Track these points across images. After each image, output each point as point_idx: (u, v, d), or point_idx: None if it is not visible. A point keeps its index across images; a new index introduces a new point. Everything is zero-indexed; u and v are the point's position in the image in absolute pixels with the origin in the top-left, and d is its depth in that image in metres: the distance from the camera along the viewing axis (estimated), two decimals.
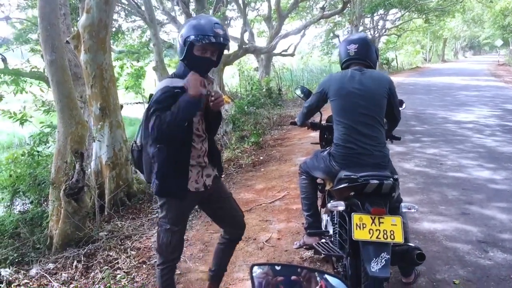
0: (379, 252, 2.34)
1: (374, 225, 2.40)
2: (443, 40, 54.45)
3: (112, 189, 5.80)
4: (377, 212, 2.41)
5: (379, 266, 2.31)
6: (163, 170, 2.45)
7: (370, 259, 2.33)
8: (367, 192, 2.49)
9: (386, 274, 2.29)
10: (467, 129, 9.05)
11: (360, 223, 2.41)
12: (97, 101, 5.80)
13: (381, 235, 2.37)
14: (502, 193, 5.05)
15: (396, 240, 2.36)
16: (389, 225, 2.39)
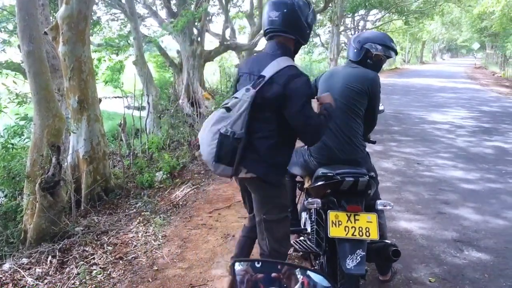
0: (355, 249, 2.36)
1: (349, 222, 2.42)
2: (422, 42, 55.19)
3: (89, 184, 5.71)
4: (353, 209, 2.44)
5: (354, 263, 2.33)
6: (287, 162, 2.49)
7: (345, 256, 2.35)
8: (343, 189, 2.50)
9: (361, 271, 2.33)
10: (444, 129, 9.22)
11: (336, 220, 2.42)
12: (75, 94, 5.70)
13: (356, 232, 2.39)
14: (476, 193, 5.15)
15: (371, 237, 2.38)
16: (365, 222, 2.42)
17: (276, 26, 2.40)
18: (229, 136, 2.27)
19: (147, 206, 5.04)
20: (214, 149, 2.30)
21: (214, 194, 5.42)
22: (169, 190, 5.72)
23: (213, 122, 2.33)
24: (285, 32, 2.40)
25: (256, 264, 1.22)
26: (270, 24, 2.41)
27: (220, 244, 3.93)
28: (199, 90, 15.32)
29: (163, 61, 19.39)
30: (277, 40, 2.44)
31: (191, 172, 6.48)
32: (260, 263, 1.22)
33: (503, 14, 24.08)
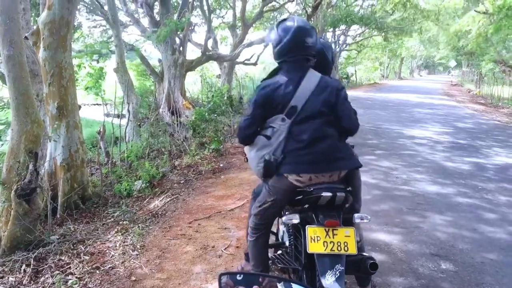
0: (334, 264, 2.36)
1: (328, 237, 2.41)
2: (401, 59, 56.22)
3: (66, 192, 5.62)
4: (331, 224, 2.42)
5: (333, 278, 2.32)
6: None
7: (325, 272, 2.34)
8: (321, 204, 2.49)
9: (341, 286, 2.30)
10: (421, 144, 9.36)
11: (314, 235, 2.42)
12: (55, 100, 5.63)
13: (335, 247, 2.39)
14: (454, 208, 5.23)
15: (349, 251, 2.39)
16: (343, 237, 2.42)
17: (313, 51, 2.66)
18: (273, 162, 2.56)
19: (125, 215, 4.97)
20: (261, 170, 2.62)
21: (194, 204, 5.38)
22: (148, 200, 5.66)
23: (258, 148, 2.63)
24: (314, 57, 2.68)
25: (238, 277, 1.22)
26: (308, 49, 2.63)
27: (199, 255, 3.90)
28: (179, 99, 15.28)
29: (144, 69, 19.31)
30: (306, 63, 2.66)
31: (170, 182, 6.43)
32: (242, 276, 1.23)
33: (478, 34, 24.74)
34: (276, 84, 2.60)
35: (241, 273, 1.26)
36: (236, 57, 18.87)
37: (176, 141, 9.41)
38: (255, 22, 20.84)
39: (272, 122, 2.58)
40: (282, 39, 2.60)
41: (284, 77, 2.61)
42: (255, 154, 2.64)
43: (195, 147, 8.77)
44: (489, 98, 22.21)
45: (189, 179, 6.55)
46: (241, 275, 1.24)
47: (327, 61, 2.95)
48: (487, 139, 10.31)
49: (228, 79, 20.00)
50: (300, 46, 2.59)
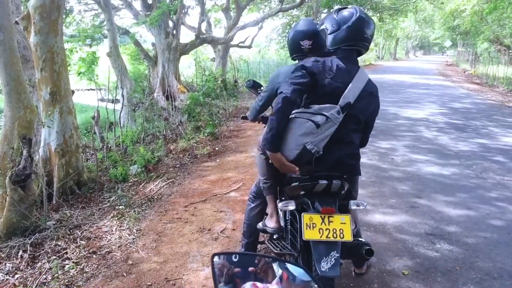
0: (329, 251, 2.36)
1: (324, 224, 2.40)
2: (396, 39, 55.94)
3: (61, 177, 5.60)
4: (327, 211, 2.41)
5: (329, 265, 2.32)
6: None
7: (320, 259, 2.34)
8: (317, 191, 2.50)
9: (336, 273, 2.32)
10: (417, 125, 9.37)
11: (310, 223, 2.40)
12: (47, 86, 5.58)
13: (330, 234, 2.38)
14: (449, 188, 5.25)
15: (345, 238, 2.38)
16: (339, 224, 2.40)
17: (368, 43, 2.58)
18: (313, 153, 2.37)
19: (121, 200, 4.97)
20: (294, 155, 2.38)
21: (189, 188, 5.39)
22: (144, 184, 5.66)
23: (302, 133, 2.34)
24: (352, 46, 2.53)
25: (233, 258, 1.21)
26: (366, 40, 2.54)
27: (195, 238, 3.91)
28: (174, 83, 15.21)
29: (137, 53, 19.16)
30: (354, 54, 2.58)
31: (166, 166, 6.42)
32: (238, 257, 1.21)
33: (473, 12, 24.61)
34: (329, 64, 2.45)
35: (236, 253, 1.23)
36: (230, 40, 18.72)
37: (171, 126, 9.38)
38: (249, 4, 20.61)
39: (325, 110, 2.35)
40: (341, 26, 2.47)
41: (340, 62, 2.46)
42: (295, 137, 2.37)
43: (190, 131, 8.75)
44: (484, 77, 22.19)
45: (184, 163, 6.54)
46: (236, 256, 1.22)
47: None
48: (482, 118, 10.33)
49: (223, 62, 19.88)
50: (359, 36, 2.50)
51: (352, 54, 2.54)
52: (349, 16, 2.47)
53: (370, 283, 3.11)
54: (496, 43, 29.00)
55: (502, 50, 30.07)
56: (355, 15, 2.47)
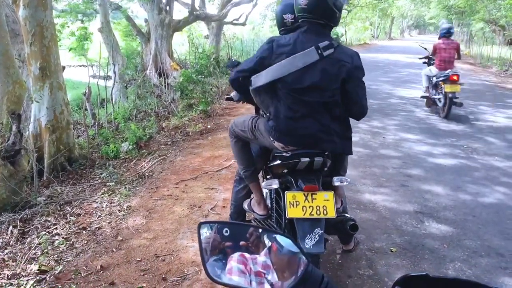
0: (313, 228, 2.35)
1: (307, 202, 2.38)
2: (391, 19, 55.55)
3: (52, 153, 5.57)
4: (310, 189, 2.39)
5: (313, 242, 2.32)
6: None
7: (304, 236, 2.33)
8: (300, 169, 2.49)
9: (320, 250, 2.31)
10: (410, 104, 9.39)
11: (293, 201, 2.38)
12: (37, 61, 5.50)
13: (314, 212, 2.36)
14: (439, 168, 5.28)
15: (328, 215, 2.36)
16: (322, 201, 2.39)
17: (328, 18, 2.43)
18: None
19: (112, 177, 4.95)
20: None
21: (181, 165, 5.37)
22: (135, 161, 5.64)
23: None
24: (316, 19, 2.41)
25: (225, 233, 1.16)
26: (324, 16, 2.42)
27: (186, 214, 3.92)
28: (167, 61, 15.06)
29: (130, 29, 18.90)
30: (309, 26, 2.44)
31: (157, 143, 6.39)
32: (229, 231, 1.17)
33: None
34: (286, 39, 2.46)
35: (224, 223, 1.24)
36: (224, 17, 18.51)
37: (163, 103, 9.32)
38: None
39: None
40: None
41: (301, 35, 2.44)
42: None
43: (182, 109, 8.70)
44: (478, 58, 22.14)
45: (176, 141, 6.52)
46: (227, 230, 1.16)
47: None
48: (475, 98, 10.33)
49: (217, 40, 19.68)
50: (315, 10, 2.40)
51: (317, 27, 2.43)
52: None
53: (358, 260, 3.15)
54: (492, 23, 28.88)
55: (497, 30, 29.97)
56: None
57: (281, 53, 2.39)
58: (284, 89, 2.41)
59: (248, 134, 2.74)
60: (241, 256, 1.13)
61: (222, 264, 1.13)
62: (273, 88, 2.46)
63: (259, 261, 1.13)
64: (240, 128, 2.80)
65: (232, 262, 1.11)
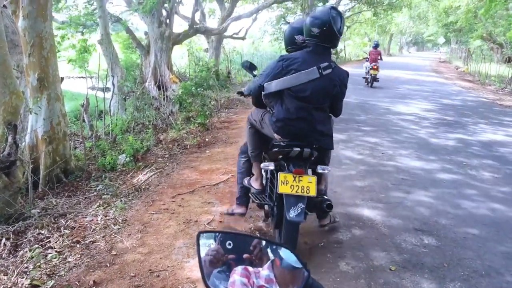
0: (297, 202, 3.06)
1: (295, 182, 3.08)
2: (390, 35, 55.95)
3: (48, 165, 5.53)
4: (298, 172, 3.09)
5: (295, 213, 3.03)
6: None
7: (290, 208, 3.04)
8: (292, 156, 3.17)
9: (300, 219, 3.03)
10: (408, 121, 9.36)
11: (284, 180, 3.08)
12: (35, 71, 5.49)
13: (299, 190, 3.07)
14: (438, 183, 5.24)
15: (310, 194, 3.07)
16: (306, 183, 3.08)
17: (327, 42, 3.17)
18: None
19: (108, 189, 4.90)
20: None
21: (178, 178, 5.31)
22: (132, 174, 5.59)
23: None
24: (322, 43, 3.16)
25: (228, 245, 1.17)
26: (327, 41, 3.16)
27: (182, 229, 3.85)
28: (166, 73, 15.09)
29: (130, 42, 18.96)
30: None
31: (155, 156, 6.34)
32: (232, 243, 1.17)
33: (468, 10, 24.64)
34: (296, 56, 3.20)
35: (222, 232, 1.22)
36: (224, 31, 18.60)
37: (162, 115, 9.29)
38: None
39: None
40: (306, 24, 3.19)
41: (306, 54, 3.19)
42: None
43: (181, 122, 8.67)
44: (476, 75, 22.25)
45: (173, 153, 6.46)
46: (231, 243, 1.18)
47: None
48: (473, 115, 10.35)
49: (216, 53, 19.75)
50: (319, 35, 3.14)
51: (321, 49, 3.16)
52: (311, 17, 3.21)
53: (357, 278, 3.08)
54: (489, 41, 29.09)
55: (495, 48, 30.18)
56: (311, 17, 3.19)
57: (290, 69, 3.10)
58: (289, 95, 3.14)
59: (257, 123, 3.53)
60: (245, 269, 1.13)
61: (226, 276, 1.13)
62: (279, 93, 3.18)
63: (262, 275, 1.13)
64: (254, 118, 3.60)
65: (235, 275, 1.11)
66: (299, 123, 3.16)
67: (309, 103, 3.13)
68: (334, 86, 3.18)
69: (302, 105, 3.13)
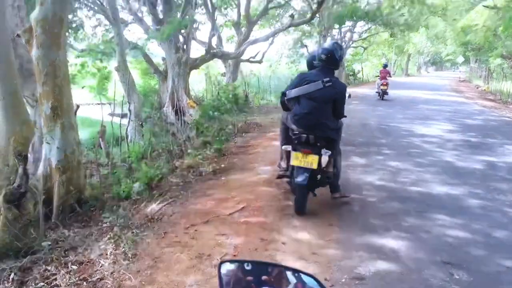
0: (303, 172, 4.57)
1: (303, 158, 4.60)
2: (407, 55, 55.63)
3: (61, 195, 5.41)
4: (305, 152, 4.60)
5: (301, 179, 4.55)
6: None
7: (298, 175, 4.59)
8: (302, 141, 4.68)
9: (304, 183, 4.53)
10: (430, 143, 9.06)
11: (295, 156, 4.65)
12: (49, 100, 5.42)
13: (305, 164, 4.58)
14: (465, 210, 4.96)
15: (313, 167, 4.55)
16: (311, 159, 4.56)
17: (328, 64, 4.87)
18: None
19: (119, 221, 4.74)
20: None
21: (191, 208, 5.13)
22: (145, 203, 5.42)
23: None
24: (327, 65, 4.86)
25: (246, 266, 1.17)
26: (329, 64, 4.86)
27: (194, 264, 3.64)
28: (183, 98, 15.11)
29: (148, 68, 19.14)
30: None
31: (169, 184, 6.18)
32: (250, 265, 1.17)
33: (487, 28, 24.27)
34: (308, 74, 5.05)
35: (246, 261, 1.19)
36: (240, 55, 18.66)
37: (178, 141, 9.18)
38: (259, 19, 20.61)
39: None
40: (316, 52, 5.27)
41: (314, 72, 4.95)
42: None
43: (197, 147, 8.55)
44: (498, 94, 21.79)
45: (188, 181, 6.27)
46: (249, 264, 1.17)
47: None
48: (498, 136, 10.00)
49: (233, 77, 19.81)
50: (325, 61, 4.86)
51: (327, 69, 4.81)
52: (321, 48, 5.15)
53: None
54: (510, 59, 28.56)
55: None
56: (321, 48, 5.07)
57: (305, 81, 4.77)
58: (303, 97, 4.74)
59: (285, 120, 5.23)
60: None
61: None
62: (297, 98, 4.80)
63: None
64: (283, 117, 5.44)
65: None
66: (310, 117, 4.68)
67: (317, 102, 4.67)
68: (334, 93, 4.72)
69: (312, 103, 4.68)
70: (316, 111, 4.64)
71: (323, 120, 4.65)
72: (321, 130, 4.64)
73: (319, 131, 4.63)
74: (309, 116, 4.65)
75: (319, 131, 4.63)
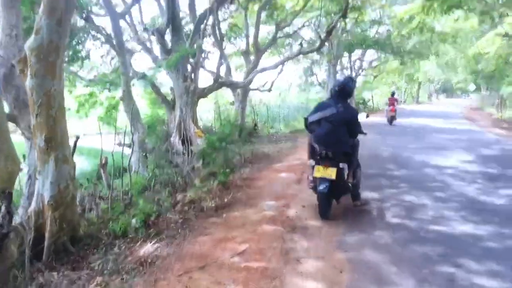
0: (324, 182, 5.53)
1: (323, 170, 5.56)
2: (418, 83, 55.44)
3: (53, 232, 5.08)
4: (325, 165, 5.57)
5: (322, 187, 5.53)
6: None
7: (320, 185, 5.56)
8: (322, 156, 5.65)
9: (325, 191, 5.50)
10: (447, 175, 8.58)
11: (318, 169, 5.61)
12: (42, 132, 5.14)
13: (326, 175, 5.52)
14: (490, 252, 4.50)
15: (332, 177, 5.47)
16: (330, 171, 5.50)
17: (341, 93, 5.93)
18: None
19: (109, 265, 4.36)
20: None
21: (188, 249, 4.71)
22: (141, 243, 5.04)
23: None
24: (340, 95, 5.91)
25: None
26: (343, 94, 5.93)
27: None
28: (191, 127, 14.85)
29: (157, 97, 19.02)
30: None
31: (167, 221, 5.79)
32: None
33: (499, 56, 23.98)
34: (325, 102, 6.16)
35: None
36: (249, 84, 18.47)
37: (181, 173, 8.84)
38: (268, 47, 20.50)
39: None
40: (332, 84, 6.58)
41: (331, 99, 5.98)
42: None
43: (202, 178, 8.21)
44: None
45: (188, 218, 5.87)
46: None
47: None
48: None
49: (242, 106, 19.57)
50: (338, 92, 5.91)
51: (341, 98, 5.83)
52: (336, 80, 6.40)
53: None
54: None
55: None
56: (337, 80, 6.36)
57: (323, 107, 5.84)
58: (323, 121, 5.70)
59: (309, 140, 6.07)
60: None
61: None
62: (318, 121, 5.77)
63: None
64: (309, 137, 6.16)
65: None
66: (328, 136, 5.66)
67: (333, 125, 5.63)
68: (346, 116, 5.69)
69: (329, 125, 5.65)
70: (333, 131, 5.63)
71: (339, 138, 5.65)
72: (337, 147, 5.65)
73: (336, 148, 5.64)
74: (327, 136, 5.67)
75: (336, 148, 5.64)
